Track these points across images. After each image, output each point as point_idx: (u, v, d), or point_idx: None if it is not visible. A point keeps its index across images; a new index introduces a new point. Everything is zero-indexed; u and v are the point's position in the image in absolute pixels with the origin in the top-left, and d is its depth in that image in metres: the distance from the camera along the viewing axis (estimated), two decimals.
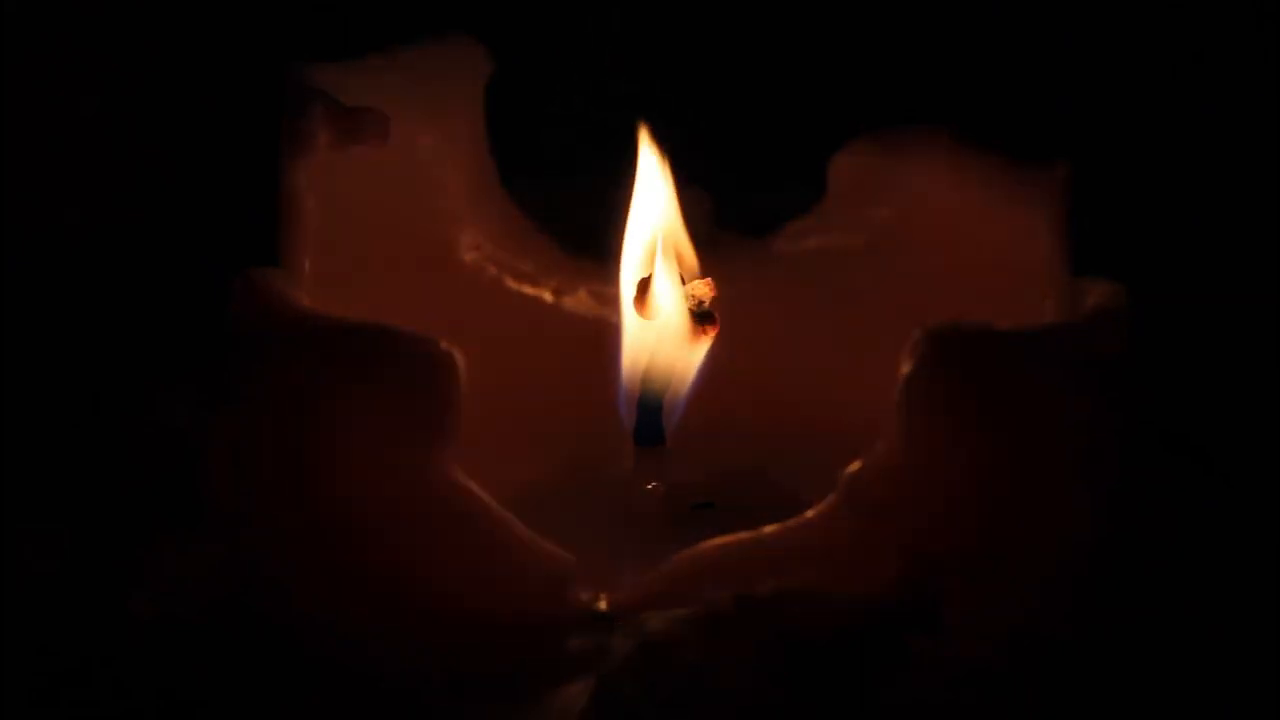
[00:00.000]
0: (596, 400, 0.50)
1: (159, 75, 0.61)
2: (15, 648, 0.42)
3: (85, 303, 0.58)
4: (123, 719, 0.40)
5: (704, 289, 0.48)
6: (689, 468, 0.49)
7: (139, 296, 0.58)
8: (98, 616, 0.42)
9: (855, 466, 0.39)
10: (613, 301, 0.50)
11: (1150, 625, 0.42)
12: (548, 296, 0.54)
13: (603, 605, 0.41)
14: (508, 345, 0.52)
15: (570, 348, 0.53)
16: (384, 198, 0.50)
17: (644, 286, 0.48)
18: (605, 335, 0.50)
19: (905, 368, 0.39)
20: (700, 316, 0.48)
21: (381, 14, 0.63)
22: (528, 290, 0.54)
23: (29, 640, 0.42)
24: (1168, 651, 0.42)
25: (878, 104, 0.65)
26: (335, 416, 0.39)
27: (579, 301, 0.54)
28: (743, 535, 0.40)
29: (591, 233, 0.52)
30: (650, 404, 0.48)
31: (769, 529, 0.40)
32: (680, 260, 0.49)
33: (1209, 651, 0.42)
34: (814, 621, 0.37)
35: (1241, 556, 0.46)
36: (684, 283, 0.48)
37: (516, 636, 0.40)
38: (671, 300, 0.48)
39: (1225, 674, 0.42)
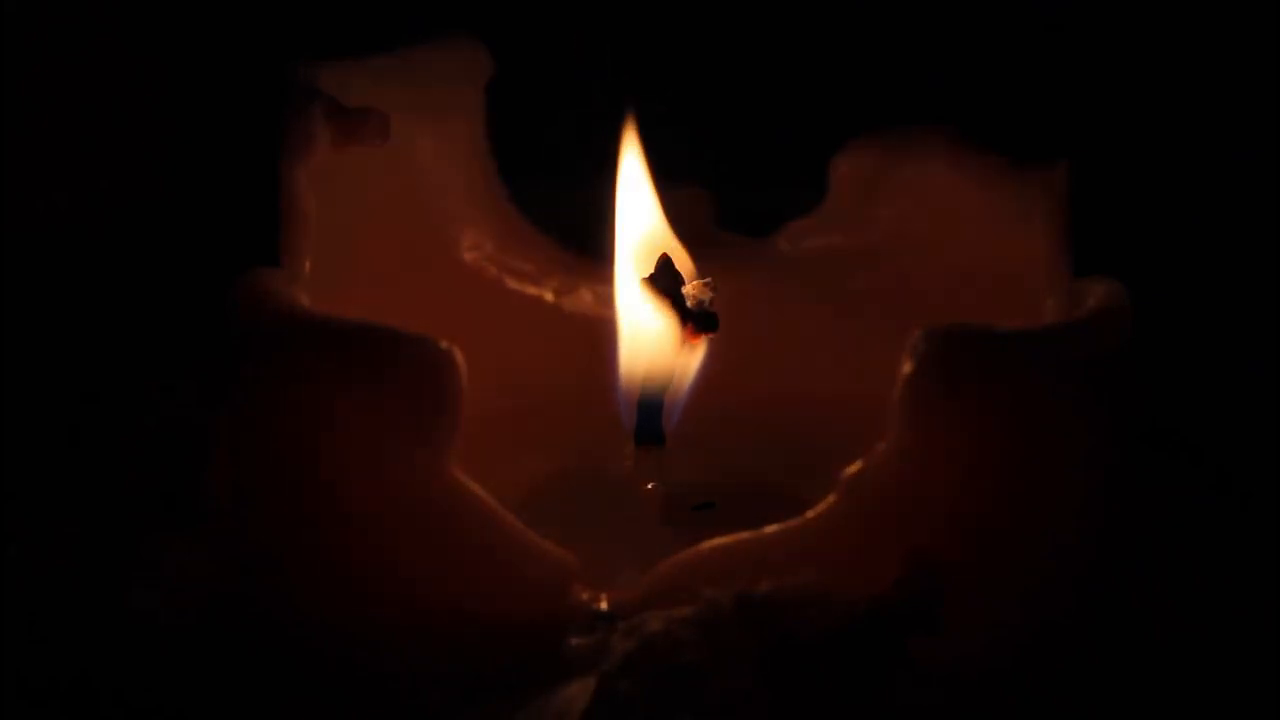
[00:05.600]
0: (596, 400, 0.50)
1: (159, 75, 0.61)
2: (15, 647, 0.42)
3: (85, 302, 0.58)
4: (122, 718, 0.40)
5: (704, 289, 0.48)
6: (689, 468, 0.49)
7: (139, 296, 0.58)
8: (98, 615, 0.42)
9: (855, 466, 0.39)
10: (612, 301, 0.50)
11: (1150, 625, 0.42)
12: (548, 296, 0.54)
13: (603, 605, 0.41)
14: (508, 346, 0.52)
15: (570, 348, 0.53)
16: (384, 198, 0.50)
17: (644, 285, 0.48)
18: (605, 335, 0.50)
19: (905, 368, 0.39)
20: (701, 317, 0.48)
21: (381, 14, 0.63)
22: (528, 290, 0.54)
23: (29, 639, 0.42)
24: (1168, 651, 0.42)
25: (878, 104, 0.65)
26: (335, 416, 0.39)
27: (579, 301, 0.54)
28: (743, 535, 0.40)
29: (591, 233, 0.52)
30: (650, 404, 0.48)
31: (769, 529, 0.40)
32: (678, 261, 0.49)
33: (1209, 651, 0.42)
34: (814, 621, 0.37)
35: (1241, 556, 0.46)
36: (685, 283, 0.48)
37: (516, 636, 0.40)
38: (672, 300, 0.48)
39: (1225, 673, 0.42)
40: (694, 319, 0.48)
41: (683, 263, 0.49)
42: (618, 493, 0.49)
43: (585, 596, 0.41)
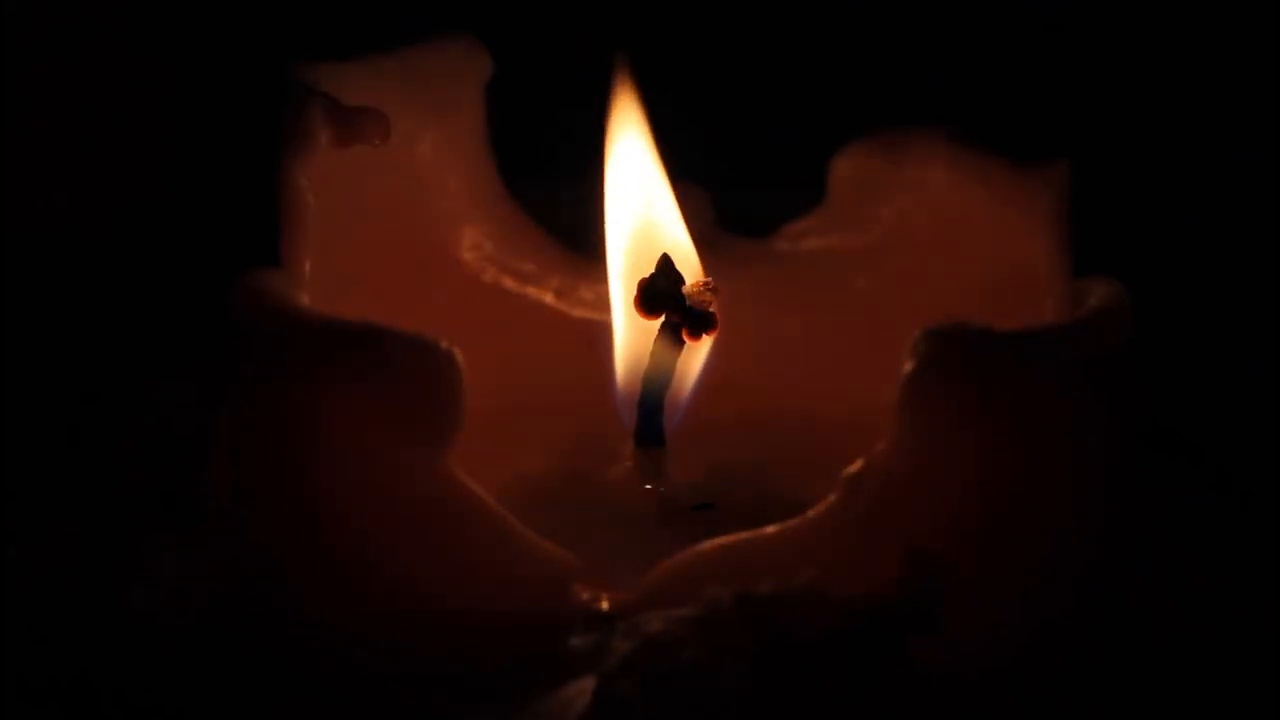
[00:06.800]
0: (596, 400, 0.50)
1: (159, 75, 0.61)
2: (15, 647, 0.42)
3: (85, 302, 0.58)
4: (122, 718, 0.40)
5: (704, 290, 0.47)
6: (689, 468, 0.49)
7: (139, 296, 0.58)
8: (98, 616, 0.42)
9: (855, 466, 0.39)
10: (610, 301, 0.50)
11: (1150, 625, 0.42)
12: (548, 296, 0.54)
13: (603, 605, 0.41)
14: (508, 345, 0.52)
15: (570, 348, 0.53)
16: (384, 198, 0.50)
17: (644, 286, 0.48)
18: (605, 335, 0.50)
19: (905, 368, 0.39)
20: (701, 317, 0.48)
21: (381, 14, 0.63)
22: (528, 290, 0.54)
23: (29, 639, 0.42)
24: (1168, 651, 0.42)
25: (878, 104, 0.65)
26: (335, 416, 0.39)
27: (579, 301, 0.54)
28: (743, 535, 0.40)
29: (591, 233, 0.52)
30: (650, 405, 0.48)
31: (769, 529, 0.40)
32: (680, 259, 0.49)
33: (1209, 651, 0.42)
34: (814, 621, 0.37)
35: (1241, 557, 0.46)
36: (684, 283, 0.48)
37: (516, 636, 0.40)
38: (672, 303, 0.48)
39: (1225, 673, 0.42)
40: (694, 319, 0.48)
41: (687, 259, 0.49)
42: (618, 493, 0.49)
43: (585, 596, 0.41)
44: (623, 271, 0.49)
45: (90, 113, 0.60)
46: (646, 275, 0.48)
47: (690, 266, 0.49)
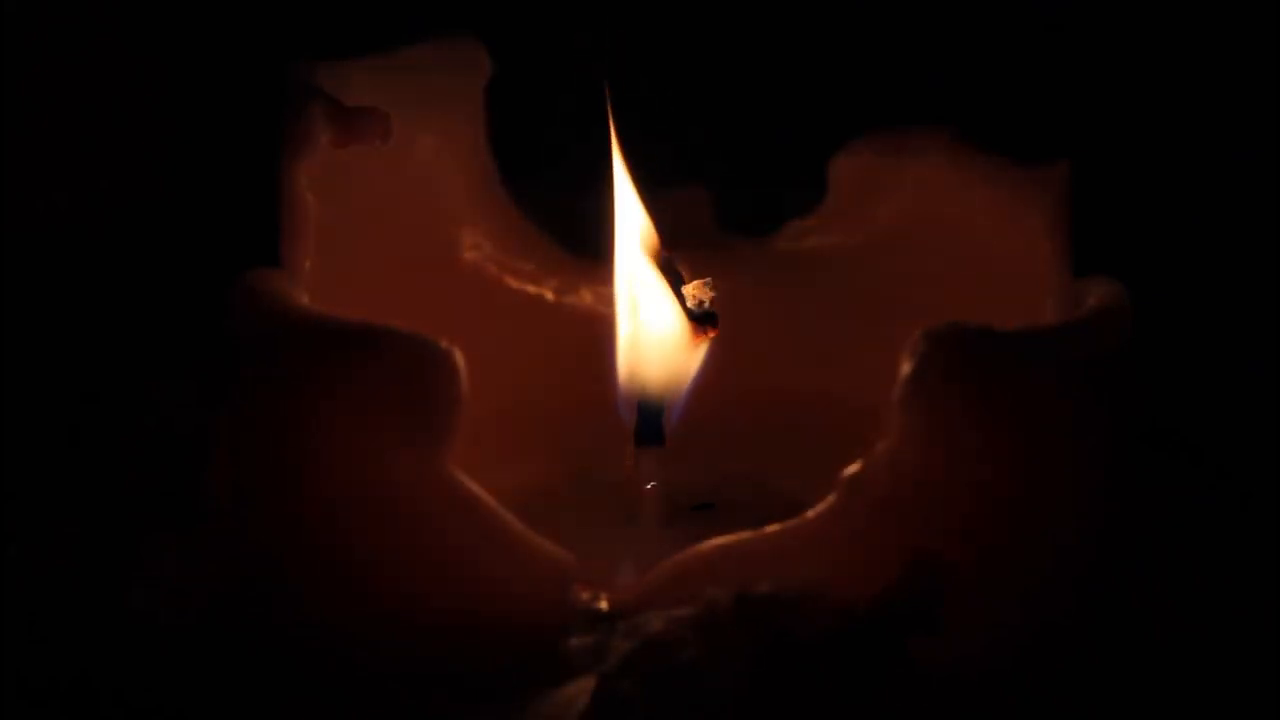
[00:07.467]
0: (596, 400, 0.50)
1: (159, 75, 0.61)
2: (15, 647, 0.42)
3: (85, 302, 0.58)
4: (122, 718, 0.40)
5: (704, 289, 0.48)
6: (689, 468, 0.49)
7: (139, 296, 0.58)
8: (97, 616, 0.42)
9: (855, 466, 0.39)
10: (612, 301, 0.50)
11: (1150, 625, 0.42)
12: (548, 296, 0.54)
13: (603, 605, 0.41)
14: (508, 345, 0.52)
15: (570, 348, 0.53)
16: (384, 198, 0.50)
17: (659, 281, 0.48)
18: (605, 335, 0.50)
19: (905, 368, 0.39)
20: (701, 317, 0.48)
21: (381, 14, 0.63)
22: (528, 290, 0.54)
23: (29, 639, 0.42)
24: (1168, 651, 0.42)
25: (878, 104, 0.65)
26: (334, 416, 0.39)
27: (579, 301, 0.54)
28: (743, 535, 0.40)
29: (592, 233, 0.52)
30: (650, 404, 0.48)
31: (769, 529, 0.40)
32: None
33: (1209, 651, 0.42)
34: (814, 621, 0.37)
35: (1241, 556, 0.46)
36: (685, 283, 0.48)
37: (516, 636, 0.40)
38: (672, 300, 0.48)
39: (1225, 673, 0.42)
40: (694, 319, 0.48)
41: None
42: (618, 493, 0.49)
43: (585, 596, 0.41)
44: (630, 272, 0.49)
45: (90, 113, 0.60)
46: (667, 280, 0.48)
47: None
